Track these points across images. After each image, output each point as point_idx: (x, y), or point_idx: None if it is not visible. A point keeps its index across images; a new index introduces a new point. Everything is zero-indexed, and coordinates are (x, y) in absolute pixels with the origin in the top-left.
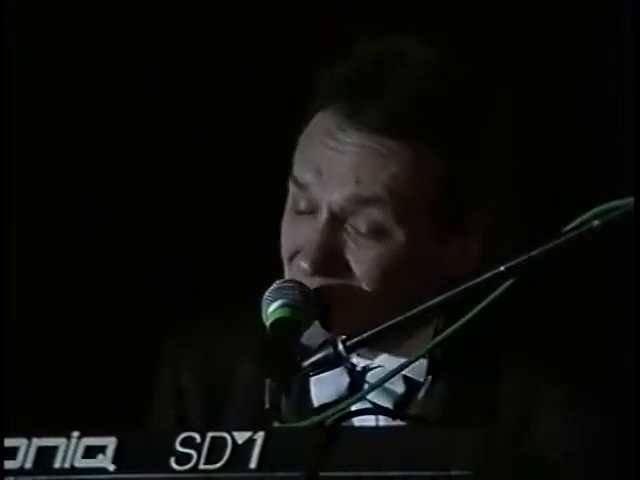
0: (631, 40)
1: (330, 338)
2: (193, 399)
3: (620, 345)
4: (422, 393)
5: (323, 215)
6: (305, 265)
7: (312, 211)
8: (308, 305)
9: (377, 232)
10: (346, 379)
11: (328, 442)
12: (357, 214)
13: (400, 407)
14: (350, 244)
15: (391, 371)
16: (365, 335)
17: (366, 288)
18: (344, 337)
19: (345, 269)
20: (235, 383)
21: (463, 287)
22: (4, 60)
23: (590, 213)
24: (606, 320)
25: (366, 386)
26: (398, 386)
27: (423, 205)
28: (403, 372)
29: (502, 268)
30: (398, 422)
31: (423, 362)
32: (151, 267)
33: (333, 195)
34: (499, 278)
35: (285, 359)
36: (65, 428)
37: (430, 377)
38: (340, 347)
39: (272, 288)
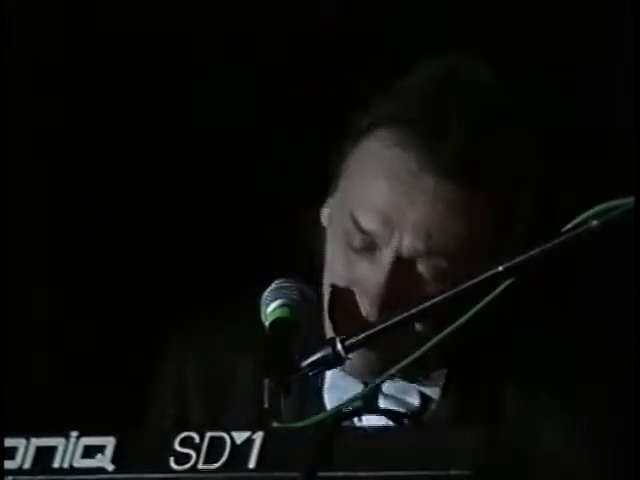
0: (631, 40)
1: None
2: (193, 399)
3: (620, 345)
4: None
5: (388, 258)
6: (366, 303)
7: (370, 250)
8: (307, 305)
9: (441, 278)
10: (360, 388)
11: (327, 442)
12: (423, 261)
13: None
14: (414, 287)
15: (388, 373)
16: (364, 335)
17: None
18: (343, 337)
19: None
20: (234, 383)
21: (462, 287)
22: (4, 60)
23: (589, 213)
24: (605, 320)
25: (380, 397)
26: (414, 398)
27: (483, 250)
28: (420, 388)
29: (501, 268)
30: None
31: (440, 382)
32: (152, 267)
33: (402, 244)
34: (498, 278)
35: (284, 359)
36: (64, 428)
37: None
38: (339, 347)
39: (271, 288)
